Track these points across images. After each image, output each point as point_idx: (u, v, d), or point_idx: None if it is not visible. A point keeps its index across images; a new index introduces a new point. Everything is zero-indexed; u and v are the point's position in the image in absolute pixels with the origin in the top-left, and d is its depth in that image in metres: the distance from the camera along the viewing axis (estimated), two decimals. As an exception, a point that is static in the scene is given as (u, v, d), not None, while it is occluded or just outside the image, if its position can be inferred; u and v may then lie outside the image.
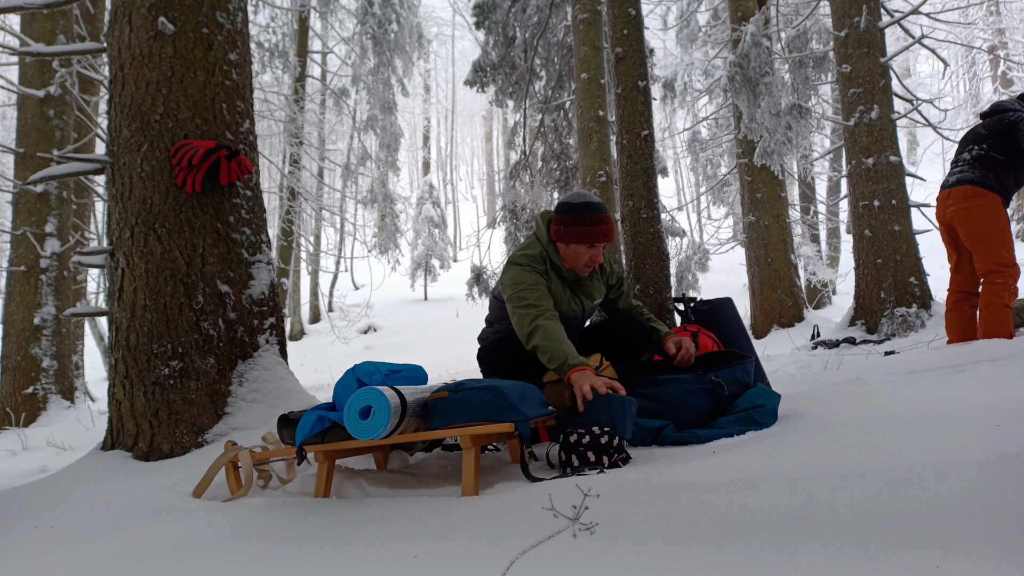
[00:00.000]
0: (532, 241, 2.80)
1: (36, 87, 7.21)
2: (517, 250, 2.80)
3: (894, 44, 15.04)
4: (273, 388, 3.06)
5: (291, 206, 16.10)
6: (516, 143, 11.27)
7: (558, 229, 2.69)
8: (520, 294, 2.57)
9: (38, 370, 6.95)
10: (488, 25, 10.75)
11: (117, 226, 3.06)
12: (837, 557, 1.10)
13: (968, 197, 4.04)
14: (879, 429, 1.97)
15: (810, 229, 15.29)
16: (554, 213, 2.75)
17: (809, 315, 9.91)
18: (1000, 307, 4.02)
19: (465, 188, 41.95)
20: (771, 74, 7.83)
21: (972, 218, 4.04)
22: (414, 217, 24.60)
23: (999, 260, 4.01)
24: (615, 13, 4.43)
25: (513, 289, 2.60)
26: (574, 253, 2.70)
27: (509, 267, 2.71)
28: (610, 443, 2.01)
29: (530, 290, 2.58)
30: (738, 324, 3.53)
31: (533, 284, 2.60)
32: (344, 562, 1.46)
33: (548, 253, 2.73)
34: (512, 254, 2.80)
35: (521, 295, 2.57)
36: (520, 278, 2.62)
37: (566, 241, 2.69)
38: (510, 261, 2.75)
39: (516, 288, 2.59)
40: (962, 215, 4.08)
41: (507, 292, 2.63)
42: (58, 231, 7.20)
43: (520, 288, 2.59)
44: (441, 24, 32.90)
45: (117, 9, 3.16)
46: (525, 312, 2.52)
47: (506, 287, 2.64)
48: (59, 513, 2.38)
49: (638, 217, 4.05)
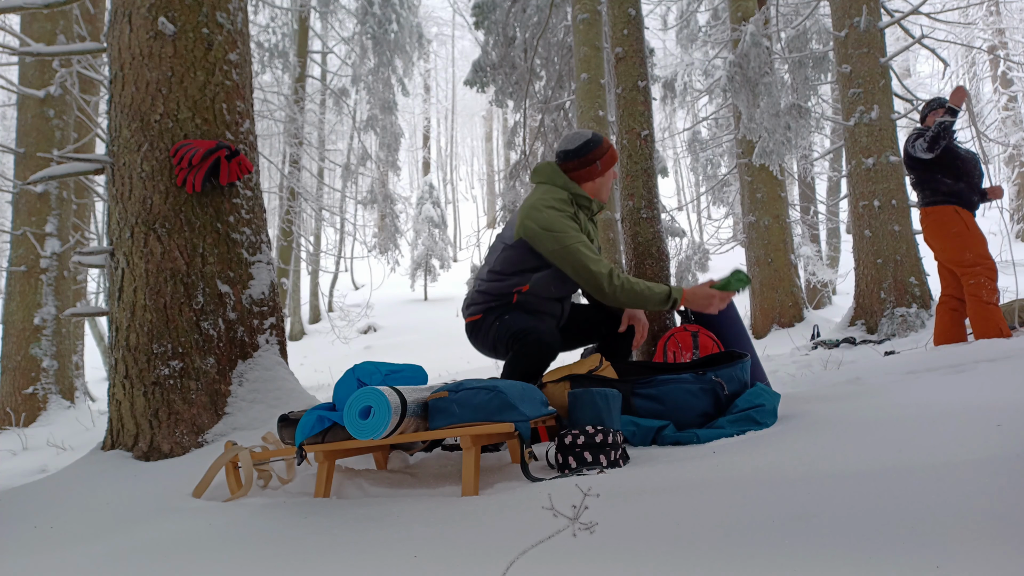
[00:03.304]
0: (549, 188, 2.75)
1: (36, 87, 7.21)
2: (536, 198, 2.71)
3: (894, 44, 15.03)
4: (273, 388, 3.06)
5: (291, 206, 16.10)
6: (516, 143, 11.27)
7: (593, 167, 2.75)
8: (578, 237, 2.60)
9: (38, 370, 6.95)
10: (488, 25, 10.75)
11: (117, 226, 3.06)
12: (837, 557, 1.10)
13: (924, 220, 4.44)
14: (879, 429, 1.98)
15: (810, 229, 15.28)
16: (572, 160, 2.76)
17: (809, 315, 9.90)
18: (982, 305, 4.12)
19: (465, 188, 41.95)
20: (771, 74, 7.83)
21: (930, 236, 4.41)
22: (414, 217, 24.60)
23: (961, 262, 4.24)
24: (615, 13, 4.44)
25: (562, 232, 2.58)
26: (603, 183, 2.80)
27: (540, 211, 2.64)
28: (605, 441, 2.01)
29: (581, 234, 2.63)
30: (738, 324, 3.53)
31: (578, 229, 2.65)
32: (344, 562, 1.46)
33: (573, 195, 2.76)
34: (533, 202, 2.70)
35: (579, 238, 2.60)
36: (565, 223, 2.62)
37: (602, 172, 2.77)
38: (539, 206, 2.67)
39: (567, 232, 2.59)
40: (925, 236, 4.48)
41: (555, 235, 2.58)
42: (58, 231, 7.20)
43: (574, 231, 2.60)
44: (441, 24, 32.90)
45: (117, 9, 3.16)
46: (596, 257, 2.59)
47: (549, 231, 2.59)
48: (59, 513, 2.38)
49: (638, 217, 4.05)
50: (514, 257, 2.73)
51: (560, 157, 2.81)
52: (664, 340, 3.54)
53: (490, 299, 2.78)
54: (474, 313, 2.85)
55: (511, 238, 2.73)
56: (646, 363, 2.87)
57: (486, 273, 2.83)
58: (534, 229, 2.62)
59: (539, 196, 2.72)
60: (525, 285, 2.72)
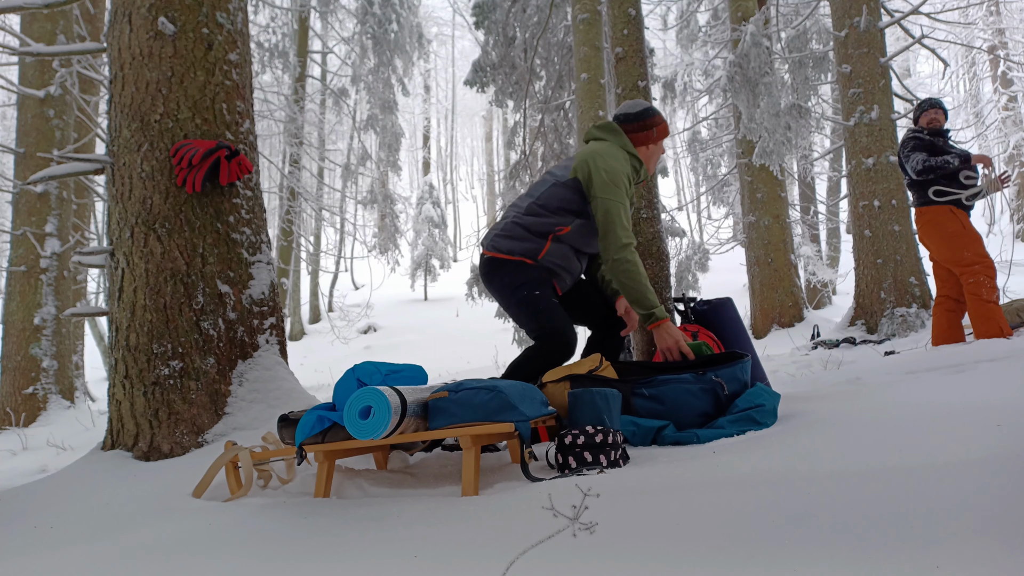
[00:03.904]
0: (613, 144, 2.78)
1: (36, 87, 7.21)
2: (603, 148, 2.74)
3: (894, 44, 15.04)
4: (273, 388, 3.06)
5: (291, 206, 16.09)
6: (516, 143, 11.27)
7: (650, 132, 2.82)
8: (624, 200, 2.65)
9: (38, 370, 6.95)
10: (488, 25, 10.74)
11: (117, 226, 3.06)
12: (837, 557, 1.10)
13: (918, 220, 4.46)
14: (879, 429, 1.98)
15: (810, 229, 15.28)
16: (633, 122, 2.83)
17: (809, 315, 9.90)
18: (983, 304, 4.13)
19: (465, 188, 41.95)
20: (771, 74, 7.83)
21: (925, 236, 4.42)
22: (414, 217, 24.59)
23: (960, 261, 4.25)
24: (615, 13, 4.44)
25: (616, 187, 2.64)
26: (654, 152, 2.87)
27: (606, 159, 2.68)
28: (605, 441, 2.01)
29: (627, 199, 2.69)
30: (738, 324, 3.53)
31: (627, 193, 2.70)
32: (344, 562, 1.46)
33: (632, 158, 2.81)
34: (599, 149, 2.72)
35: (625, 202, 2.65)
36: (623, 181, 2.67)
37: (657, 139, 2.84)
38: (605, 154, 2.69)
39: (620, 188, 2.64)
40: (920, 236, 4.50)
41: (608, 185, 2.63)
42: (58, 231, 7.20)
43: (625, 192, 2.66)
44: (441, 24, 32.89)
45: (117, 9, 3.16)
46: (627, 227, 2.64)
47: (607, 179, 2.63)
48: (59, 513, 2.38)
49: (638, 217, 4.05)
50: (564, 195, 2.73)
51: (621, 119, 2.87)
52: (664, 340, 3.53)
53: (526, 236, 2.72)
54: (500, 249, 2.76)
55: (565, 176, 2.74)
56: (646, 363, 2.87)
57: (528, 205, 2.77)
58: (595, 171, 2.65)
59: (605, 147, 2.76)
60: (567, 227, 2.72)
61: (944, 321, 4.44)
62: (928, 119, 4.44)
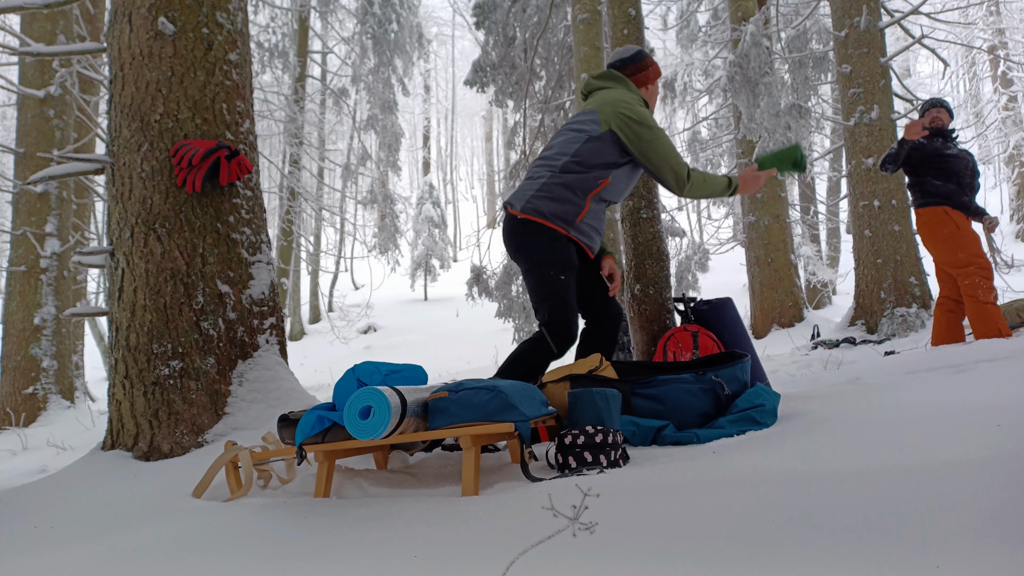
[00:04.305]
0: (623, 91, 2.83)
1: (36, 87, 7.21)
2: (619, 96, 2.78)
3: (894, 44, 15.03)
4: (273, 388, 3.06)
5: (291, 206, 16.09)
6: (516, 143, 11.27)
7: (648, 72, 2.90)
8: (664, 133, 2.72)
9: (38, 370, 6.95)
10: (488, 25, 10.74)
11: (117, 226, 3.06)
12: (837, 557, 1.10)
13: (917, 222, 4.49)
14: (879, 429, 1.98)
15: (810, 229, 15.27)
16: (630, 65, 2.90)
17: (809, 315, 9.90)
18: (980, 305, 4.14)
19: (465, 188, 41.94)
20: (771, 74, 7.83)
21: (924, 238, 4.45)
22: (414, 217, 24.58)
23: (955, 263, 4.27)
24: (615, 13, 4.43)
25: (655, 127, 2.70)
26: (654, 92, 2.94)
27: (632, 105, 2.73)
28: (605, 441, 2.01)
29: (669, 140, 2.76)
30: (738, 324, 3.53)
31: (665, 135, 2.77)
32: (344, 562, 1.46)
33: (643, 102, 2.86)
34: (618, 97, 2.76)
35: (666, 135, 2.72)
36: (653, 119, 2.74)
37: (654, 79, 2.91)
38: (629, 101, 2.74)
39: (657, 126, 2.71)
40: (921, 238, 4.51)
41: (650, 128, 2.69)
42: (58, 231, 7.20)
43: (663, 132, 2.73)
44: (441, 24, 32.88)
45: (117, 9, 3.16)
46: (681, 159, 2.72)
47: (645, 124, 2.68)
48: (59, 513, 2.38)
49: (638, 217, 4.05)
50: (600, 149, 2.70)
51: (617, 65, 2.92)
52: (664, 340, 3.54)
53: (567, 196, 2.68)
54: (540, 211, 2.67)
55: (596, 131, 2.71)
56: (646, 363, 2.87)
57: (565, 163, 2.69)
58: (629, 119, 2.68)
59: (620, 95, 2.78)
60: (607, 179, 2.73)
61: (944, 322, 4.45)
62: (931, 118, 4.45)
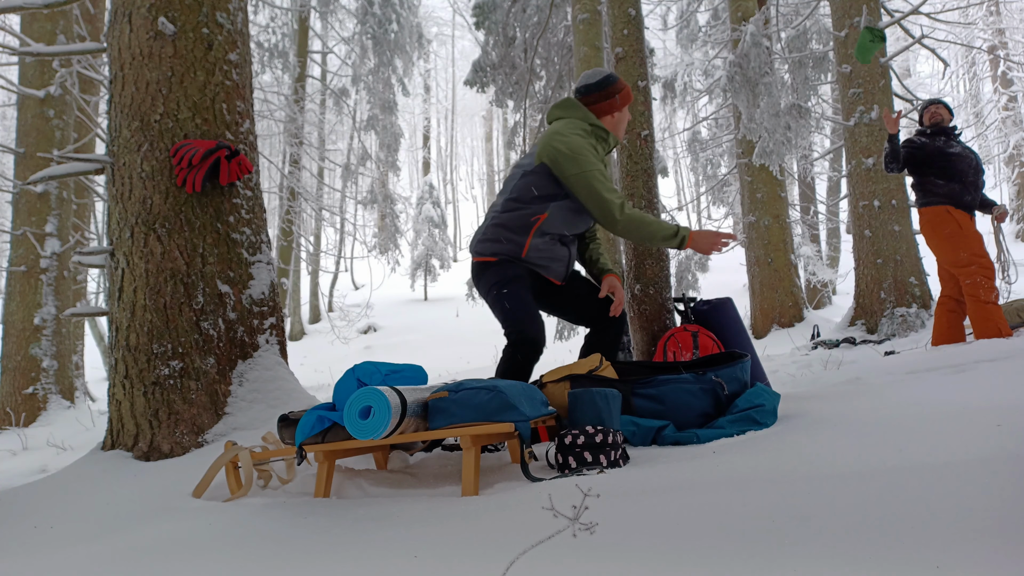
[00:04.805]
0: (570, 121, 2.78)
1: (36, 87, 7.21)
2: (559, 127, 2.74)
3: (894, 44, 15.02)
4: (273, 388, 3.06)
5: (291, 206, 16.08)
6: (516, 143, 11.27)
7: (613, 100, 2.82)
8: (597, 164, 2.65)
9: (38, 370, 6.95)
10: (488, 25, 10.74)
11: (117, 226, 3.06)
12: (837, 557, 1.10)
13: (920, 221, 4.50)
14: (879, 429, 1.98)
15: (810, 229, 15.28)
16: (593, 92, 2.83)
17: (809, 315, 9.90)
18: (981, 305, 4.14)
19: (465, 188, 41.95)
20: (771, 74, 7.82)
21: (927, 237, 4.47)
22: (414, 217, 24.59)
23: (956, 262, 4.29)
24: (615, 13, 4.43)
25: (583, 157, 2.63)
26: (620, 119, 2.86)
27: (565, 135, 2.68)
28: (605, 441, 2.01)
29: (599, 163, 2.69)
30: (738, 324, 3.53)
31: (598, 158, 2.70)
32: (344, 562, 1.46)
33: (593, 125, 2.79)
34: (557, 128, 2.73)
35: (598, 166, 2.65)
36: (587, 149, 2.67)
37: (621, 106, 2.84)
38: (563, 131, 2.70)
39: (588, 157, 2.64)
40: (924, 237, 4.55)
41: (576, 159, 2.63)
42: (58, 231, 7.20)
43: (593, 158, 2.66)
44: (441, 24, 32.89)
45: (117, 9, 3.16)
46: (610, 187, 2.64)
47: (572, 155, 2.63)
48: (59, 513, 2.38)
49: (638, 217, 4.05)
50: (535, 183, 2.73)
51: (581, 92, 2.88)
52: (664, 340, 3.54)
53: (506, 234, 2.74)
54: (484, 253, 2.80)
55: (531, 164, 2.75)
56: (646, 363, 2.87)
57: (502, 203, 2.79)
58: (557, 151, 2.66)
59: (562, 125, 2.76)
60: (544, 213, 2.72)
61: (945, 321, 4.45)
62: (930, 115, 4.47)
